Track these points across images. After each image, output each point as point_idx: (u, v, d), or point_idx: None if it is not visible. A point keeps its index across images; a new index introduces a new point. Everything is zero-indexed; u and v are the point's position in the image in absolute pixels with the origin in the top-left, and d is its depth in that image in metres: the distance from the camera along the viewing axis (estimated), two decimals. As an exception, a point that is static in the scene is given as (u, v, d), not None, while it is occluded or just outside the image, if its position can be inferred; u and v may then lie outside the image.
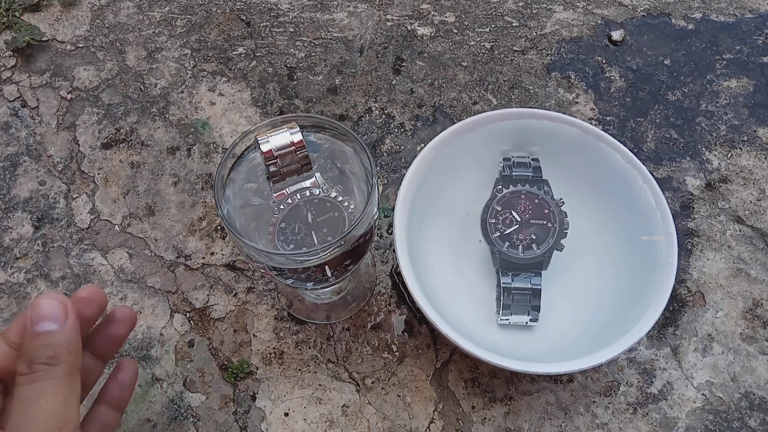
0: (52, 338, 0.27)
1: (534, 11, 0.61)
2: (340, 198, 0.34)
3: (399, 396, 0.43)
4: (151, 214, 0.50)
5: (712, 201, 0.51)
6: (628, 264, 0.44)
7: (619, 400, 0.43)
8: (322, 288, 0.41)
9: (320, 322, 0.46)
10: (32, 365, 0.26)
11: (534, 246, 0.44)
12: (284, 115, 0.35)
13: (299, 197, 0.34)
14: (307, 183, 0.34)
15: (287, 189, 0.34)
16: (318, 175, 0.34)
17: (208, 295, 0.47)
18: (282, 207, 0.33)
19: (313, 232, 0.34)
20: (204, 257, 0.48)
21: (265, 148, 0.31)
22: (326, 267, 0.34)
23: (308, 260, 0.33)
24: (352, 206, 0.34)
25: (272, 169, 0.31)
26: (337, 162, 0.36)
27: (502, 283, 0.44)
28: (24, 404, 0.25)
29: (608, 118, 0.55)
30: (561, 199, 0.45)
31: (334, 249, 0.32)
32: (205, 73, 0.57)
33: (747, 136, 0.54)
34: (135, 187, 0.51)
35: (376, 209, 0.35)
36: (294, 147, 0.31)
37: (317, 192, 0.34)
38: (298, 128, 0.31)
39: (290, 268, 0.34)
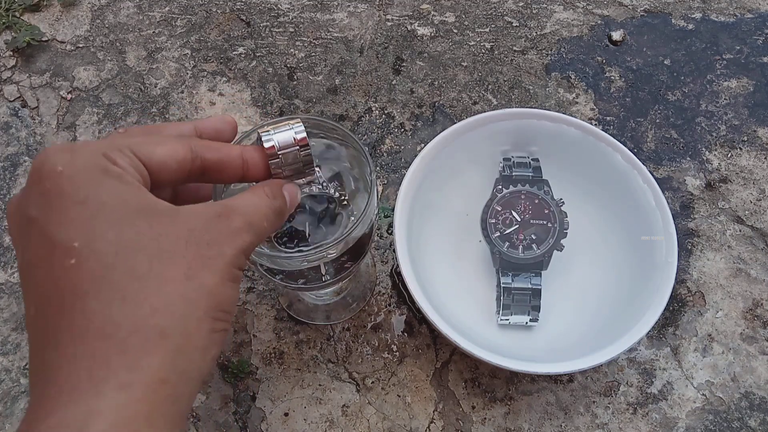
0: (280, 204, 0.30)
1: (534, 11, 0.61)
2: (341, 198, 0.34)
3: (399, 396, 0.43)
4: (151, 214, 0.50)
5: (712, 201, 0.51)
6: (628, 264, 0.44)
7: (619, 400, 0.43)
8: (321, 289, 0.41)
9: (320, 322, 0.46)
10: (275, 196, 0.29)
11: (534, 246, 0.44)
12: (287, 116, 0.35)
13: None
14: (309, 184, 0.33)
15: None
16: (319, 173, 0.34)
17: (208, 295, 0.47)
18: None
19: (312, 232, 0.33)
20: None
21: (268, 144, 0.30)
22: (325, 267, 0.34)
23: (308, 261, 0.33)
24: (351, 206, 0.34)
25: (274, 167, 0.31)
26: (337, 162, 0.36)
27: (502, 283, 0.44)
28: (253, 200, 0.28)
29: (608, 118, 0.55)
30: (561, 199, 0.45)
31: (333, 249, 0.32)
32: (205, 73, 0.57)
33: (747, 136, 0.54)
34: (135, 187, 0.51)
35: (376, 209, 0.35)
36: (297, 145, 0.30)
37: (317, 191, 0.34)
38: (303, 126, 0.30)
39: (289, 270, 0.34)
